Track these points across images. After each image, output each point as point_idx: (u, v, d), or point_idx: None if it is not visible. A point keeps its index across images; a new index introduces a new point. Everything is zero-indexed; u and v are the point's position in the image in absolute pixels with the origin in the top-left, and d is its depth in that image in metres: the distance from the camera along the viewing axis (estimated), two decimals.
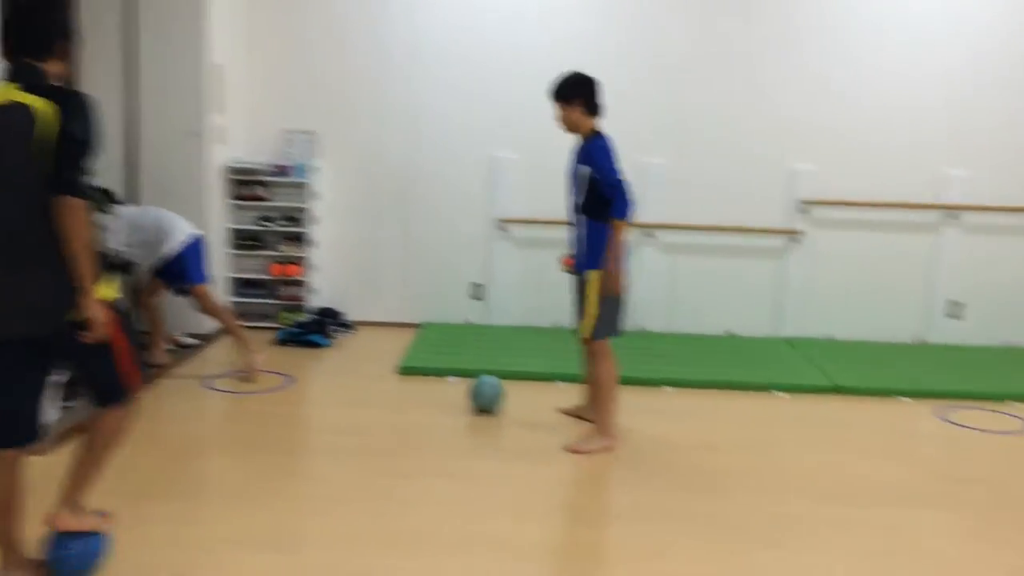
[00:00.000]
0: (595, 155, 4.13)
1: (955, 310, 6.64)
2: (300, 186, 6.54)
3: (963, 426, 4.94)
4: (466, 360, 5.69)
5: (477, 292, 6.79)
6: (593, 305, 4.22)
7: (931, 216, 6.52)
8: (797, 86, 6.46)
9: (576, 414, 4.74)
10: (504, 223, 6.65)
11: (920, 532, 3.61)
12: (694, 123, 6.51)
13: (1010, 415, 5.16)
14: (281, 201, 6.59)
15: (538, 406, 4.93)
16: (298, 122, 6.62)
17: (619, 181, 4.07)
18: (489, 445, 4.46)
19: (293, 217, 6.63)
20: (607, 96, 4.31)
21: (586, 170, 4.15)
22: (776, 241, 6.61)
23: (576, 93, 4.19)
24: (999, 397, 5.37)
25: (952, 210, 6.46)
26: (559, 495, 3.90)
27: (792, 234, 6.54)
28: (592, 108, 4.21)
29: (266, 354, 5.67)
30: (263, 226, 6.64)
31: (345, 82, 6.61)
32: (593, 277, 4.21)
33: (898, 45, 6.41)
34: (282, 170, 6.53)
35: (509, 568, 3.14)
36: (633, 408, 4.86)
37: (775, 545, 3.41)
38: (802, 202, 6.49)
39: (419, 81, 6.57)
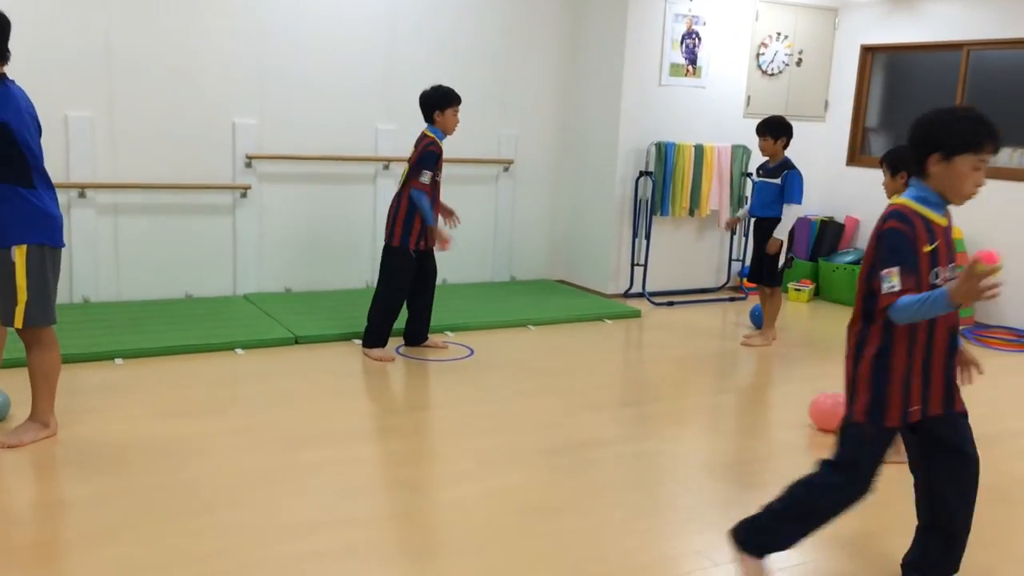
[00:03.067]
0: None
1: None
2: None
3: (418, 359, 5.39)
4: None
5: None
6: (22, 290, 3.60)
7: (368, 168, 6.90)
8: (239, 35, 6.26)
9: None
10: None
11: (381, 463, 3.83)
12: (126, 72, 5.97)
13: (458, 344, 5.74)
14: None
15: None
16: None
17: (19, 140, 3.45)
18: None
19: None
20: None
21: None
22: (225, 197, 6.45)
23: None
24: (450, 329, 5.95)
25: (385, 161, 6.88)
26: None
27: (240, 189, 6.43)
28: None
29: None
30: None
31: None
32: (18, 256, 3.57)
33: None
34: None
35: None
36: (82, 386, 4.44)
37: (240, 504, 3.36)
38: (247, 156, 6.40)
39: None
